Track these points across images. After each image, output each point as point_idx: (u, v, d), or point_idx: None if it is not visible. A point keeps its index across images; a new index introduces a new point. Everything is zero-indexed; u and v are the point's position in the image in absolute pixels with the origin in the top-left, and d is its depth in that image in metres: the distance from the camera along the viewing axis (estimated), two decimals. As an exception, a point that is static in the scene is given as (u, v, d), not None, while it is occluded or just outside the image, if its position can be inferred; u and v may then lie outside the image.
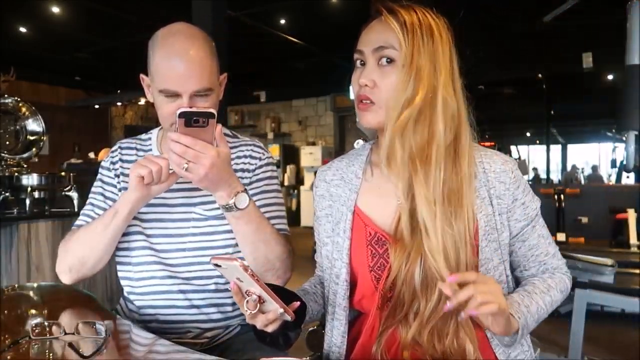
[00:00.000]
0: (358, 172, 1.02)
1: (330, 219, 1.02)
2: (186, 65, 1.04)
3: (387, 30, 0.89)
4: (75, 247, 1.13)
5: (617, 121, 2.92)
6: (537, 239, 0.97)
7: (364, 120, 0.93)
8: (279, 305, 0.82)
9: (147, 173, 1.00)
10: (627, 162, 2.84)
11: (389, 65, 0.90)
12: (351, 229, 0.97)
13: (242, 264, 0.77)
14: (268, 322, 0.84)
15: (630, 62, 2.72)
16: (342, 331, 0.98)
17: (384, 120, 0.91)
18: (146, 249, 1.19)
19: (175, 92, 1.04)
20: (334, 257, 0.99)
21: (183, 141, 0.93)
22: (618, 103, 2.84)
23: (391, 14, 0.90)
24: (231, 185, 1.00)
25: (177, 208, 1.20)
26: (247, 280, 0.80)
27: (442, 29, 0.91)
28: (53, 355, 0.88)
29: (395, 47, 0.88)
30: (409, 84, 0.87)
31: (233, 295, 0.84)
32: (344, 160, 1.08)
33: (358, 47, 0.94)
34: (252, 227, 1.05)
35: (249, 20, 5.64)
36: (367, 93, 0.91)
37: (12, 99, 3.02)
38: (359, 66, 0.95)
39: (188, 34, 1.08)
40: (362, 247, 0.95)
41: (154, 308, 1.19)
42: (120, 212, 1.08)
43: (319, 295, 1.06)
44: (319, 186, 1.08)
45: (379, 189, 0.98)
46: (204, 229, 1.18)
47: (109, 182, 1.24)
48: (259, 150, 1.26)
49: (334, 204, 1.02)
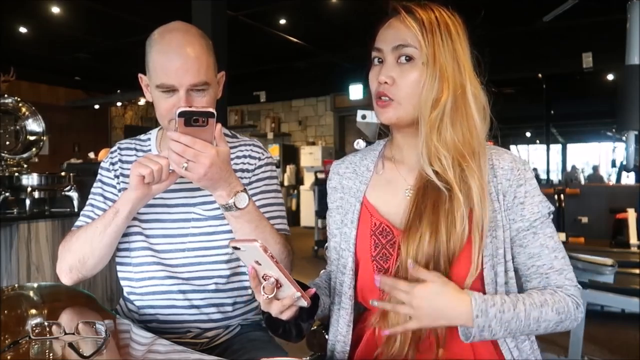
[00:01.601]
0: (370, 166, 1.04)
1: (341, 211, 1.04)
2: (183, 59, 1.04)
3: (406, 29, 0.91)
4: (76, 247, 1.13)
5: (617, 121, 2.92)
6: (538, 249, 0.92)
7: (384, 117, 0.94)
8: (296, 289, 0.82)
9: (147, 172, 1.01)
10: (627, 162, 2.84)
11: (408, 63, 0.91)
12: (358, 219, 0.99)
13: (262, 244, 0.77)
14: (284, 308, 0.84)
15: (630, 62, 2.72)
16: (348, 320, 0.99)
17: (403, 116, 0.92)
18: (146, 249, 1.19)
19: (172, 87, 1.05)
20: (342, 247, 1.00)
21: (183, 140, 0.93)
22: (618, 103, 2.84)
23: (409, 13, 0.92)
24: (231, 185, 1.00)
25: (177, 208, 1.20)
26: (265, 263, 0.80)
27: (458, 27, 0.93)
28: (53, 355, 0.88)
29: (415, 45, 0.90)
30: (435, 83, 0.89)
31: (250, 280, 0.84)
32: (358, 155, 1.10)
33: (376, 45, 0.95)
34: (251, 227, 1.05)
35: (249, 20, 5.64)
36: (386, 90, 0.92)
37: (12, 99, 3.02)
38: (377, 64, 0.96)
39: (184, 30, 1.09)
40: (366, 236, 0.97)
41: (154, 308, 1.19)
42: (120, 212, 1.08)
43: (329, 290, 1.07)
44: (332, 179, 1.10)
45: (389, 181, 1.00)
46: (204, 229, 1.19)
47: (108, 182, 1.24)
48: (259, 150, 1.26)
49: (345, 196, 1.04)
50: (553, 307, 0.87)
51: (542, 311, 0.86)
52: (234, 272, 1.21)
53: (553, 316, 0.87)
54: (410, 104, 0.92)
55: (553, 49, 6.08)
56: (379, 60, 0.95)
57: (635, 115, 2.65)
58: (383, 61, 0.94)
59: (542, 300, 0.87)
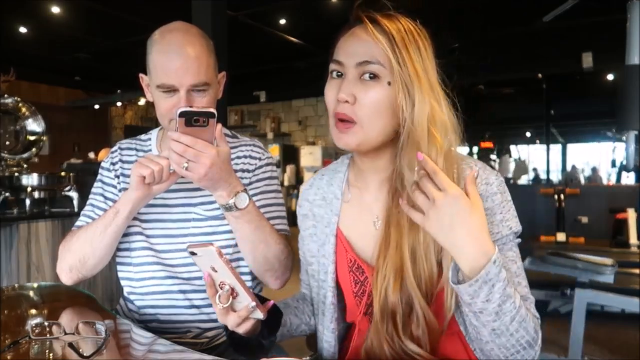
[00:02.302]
0: (337, 193, 0.97)
1: (315, 239, 0.99)
2: (183, 59, 1.05)
3: (373, 44, 0.81)
4: (76, 247, 1.13)
5: (617, 121, 2.92)
6: None
7: (342, 142, 0.84)
8: (251, 298, 0.80)
9: (148, 173, 1.01)
10: (627, 162, 2.84)
11: (372, 80, 0.82)
12: (335, 253, 0.94)
13: (217, 249, 0.76)
14: (240, 320, 0.82)
15: (630, 62, 2.72)
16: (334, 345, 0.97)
17: (364, 142, 0.84)
18: (146, 249, 1.19)
19: (173, 87, 1.05)
20: (321, 277, 0.97)
21: (183, 140, 0.93)
22: (618, 103, 2.84)
23: (375, 24, 0.82)
24: (231, 185, 1.00)
25: (177, 208, 1.20)
26: (221, 270, 0.79)
27: (426, 41, 0.85)
28: (53, 355, 0.88)
29: (382, 63, 0.81)
30: (405, 106, 0.80)
31: (206, 288, 0.82)
32: (324, 178, 1.03)
33: (337, 57, 0.86)
34: (251, 227, 1.05)
35: (249, 20, 5.64)
36: (346, 111, 0.83)
37: (12, 99, 3.02)
38: (335, 77, 0.86)
39: (184, 30, 1.10)
40: (345, 272, 0.94)
41: (154, 308, 1.20)
42: (121, 212, 1.08)
43: (301, 311, 1.05)
44: (302, 205, 1.04)
45: (358, 211, 0.95)
46: (204, 230, 1.19)
47: (109, 182, 1.24)
48: (259, 150, 1.26)
49: (318, 225, 0.99)
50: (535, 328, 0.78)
51: (526, 319, 0.76)
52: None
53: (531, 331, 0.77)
54: (373, 127, 0.83)
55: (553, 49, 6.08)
56: (338, 74, 0.86)
57: (635, 115, 2.65)
58: (343, 75, 0.85)
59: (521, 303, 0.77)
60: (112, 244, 1.13)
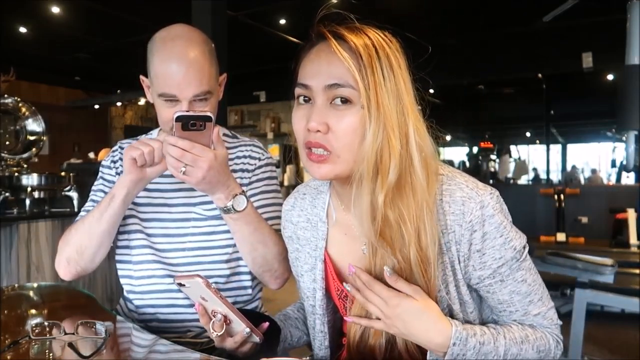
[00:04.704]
0: (322, 215, 0.91)
1: (302, 262, 0.95)
2: (185, 70, 1.04)
3: (339, 63, 0.73)
4: (74, 238, 1.12)
5: (617, 121, 2.92)
6: (508, 296, 0.81)
7: (319, 174, 0.76)
8: (246, 324, 0.80)
9: (138, 154, 1.01)
10: (627, 162, 2.84)
11: (344, 105, 0.74)
12: (323, 279, 0.91)
13: (204, 280, 0.77)
14: (236, 345, 0.82)
15: (630, 62, 2.72)
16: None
17: (341, 172, 0.76)
18: (146, 247, 1.19)
19: (174, 97, 1.06)
20: (310, 303, 0.94)
21: (180, 145, 0.93)
22: (618, 103, 2.84)
23: (340, 40, 0.74)
24: (229, 188, 1.00)
25: (177, 208, 1.20)
26: (211, 299, 0.79)
27: (398, 55, 0.76)
28: (53, 355, 0.88)
29: (353, 85, 0.73)
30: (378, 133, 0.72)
31: (200, 318, 0.82)
32: (307, 198, 0.97)
33: (302, 80, 0.77)
34: (250, 229, 1.05)
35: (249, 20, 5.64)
36: (319, 140, 0.74)
37: (12, 99, 3.02)
38: (303, 103, 0.78)
39: (187, 38, 1.09)
40: (334, 297, 0.92)
41: (154, 307, 1.20)
42: (117, 196, 1.07)
43: (301, 322, 1.04)
44: (286, 227, 1.00)
45: (345, 234, 0.89)
46: (204, 229, 1.19)
47: (110, 179, 1.25)
48: (259, 150, 1.26)
49: (303, 249, 0.95)
50: (534, 345, 0.81)
51: (522, 348, 0.79)
52: (233, 271, 1.21)
53: (532, 354, 0.80)
54: (350, 156, 0.75)
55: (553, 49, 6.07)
56: (306, 100, 0.78)
57: (635, 115, 2.65)
58: (311, 101, 0.77)
59: (522, 336, 0.80)
60: (109, 231, 1.11)
